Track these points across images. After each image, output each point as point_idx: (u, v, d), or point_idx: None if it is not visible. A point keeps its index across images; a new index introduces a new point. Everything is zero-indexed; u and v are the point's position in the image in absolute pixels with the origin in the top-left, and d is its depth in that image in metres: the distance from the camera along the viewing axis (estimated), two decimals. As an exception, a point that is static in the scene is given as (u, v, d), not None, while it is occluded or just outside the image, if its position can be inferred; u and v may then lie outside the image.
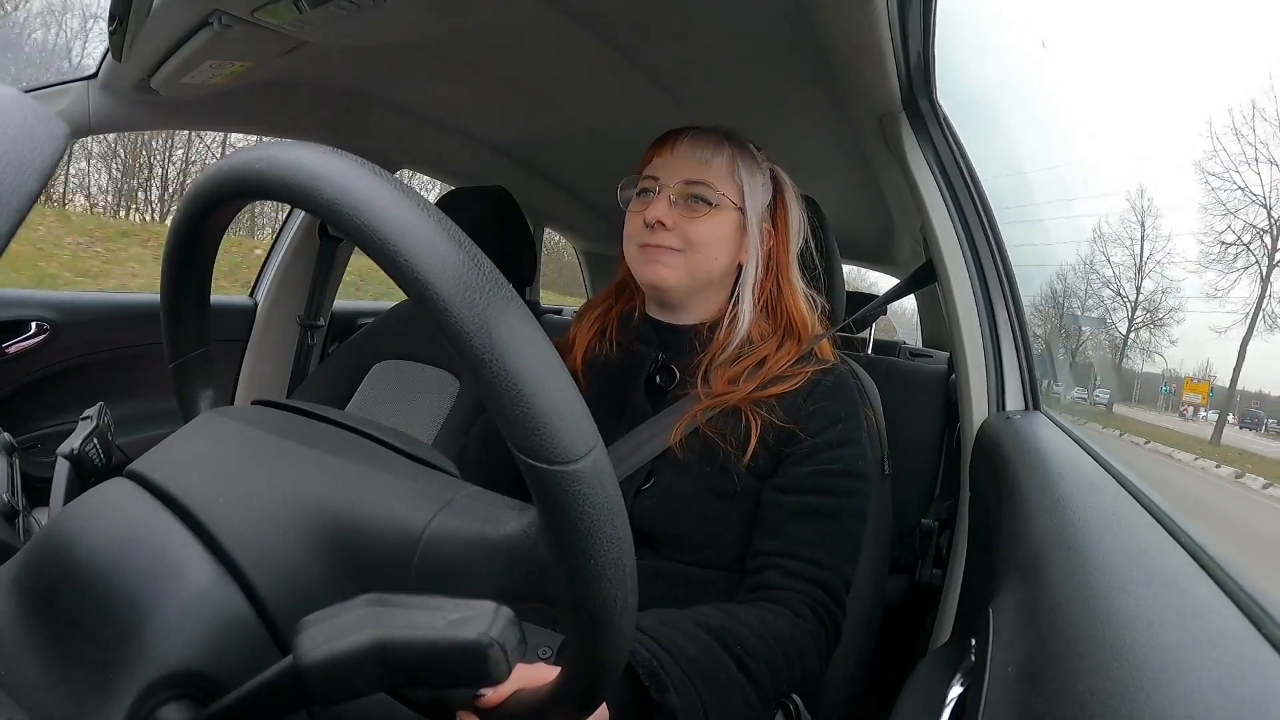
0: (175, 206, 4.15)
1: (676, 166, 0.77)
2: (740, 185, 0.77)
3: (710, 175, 0.76)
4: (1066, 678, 0.31)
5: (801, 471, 0.70)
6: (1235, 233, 7.39)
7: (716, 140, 0.78)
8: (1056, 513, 0.50)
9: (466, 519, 0.33)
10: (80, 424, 0.57)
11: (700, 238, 0.75)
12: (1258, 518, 4.74)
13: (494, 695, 0.38)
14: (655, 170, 0.78)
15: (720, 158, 0.77)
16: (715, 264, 0.77)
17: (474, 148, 1.58)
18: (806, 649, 0.64)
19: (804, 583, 0.66)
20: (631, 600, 0.31)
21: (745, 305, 0.77)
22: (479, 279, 0.28)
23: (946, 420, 1.34)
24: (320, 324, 1.68)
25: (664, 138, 0.80)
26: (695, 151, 0.77)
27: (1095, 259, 9.70)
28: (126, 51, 0.89)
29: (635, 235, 0.77)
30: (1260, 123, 7.74)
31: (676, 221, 0.75)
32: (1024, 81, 5.87)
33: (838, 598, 0.68)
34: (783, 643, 0.61)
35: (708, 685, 0.55)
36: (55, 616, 0.31)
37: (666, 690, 0.52)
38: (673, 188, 0.76)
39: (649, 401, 0.77)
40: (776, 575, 0.66)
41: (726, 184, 0.77)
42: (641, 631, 0.54)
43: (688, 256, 0.75)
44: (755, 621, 0.61)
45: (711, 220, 0.75)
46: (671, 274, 0.75)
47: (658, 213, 0.74)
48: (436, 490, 0.35)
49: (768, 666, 0.59)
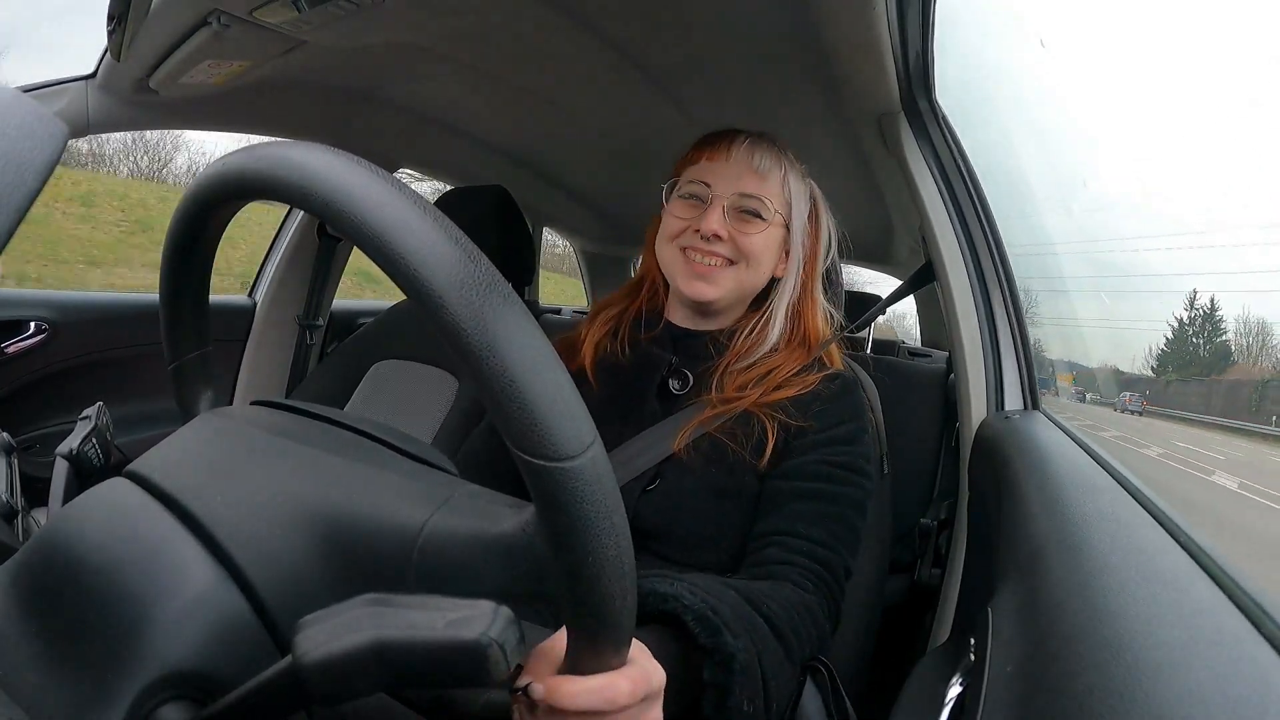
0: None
1: (732, 174, 0.75)
2: (789, 200, 0.77)
3: (766, 189, 0.75)
4: (1065, 676, 0.31)
5: (804, 460, 0.70)
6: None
7: (775, 152, 0.76)
8: (1055, 512, 0.50)
9: (464, 516, 0.33)
10: (79, 424, 0.57)
11: (754, 251, 0.74)
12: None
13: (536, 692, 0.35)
14: (707, 175, 0.75)
15: (778, 171, 0.76)
16: (761, 278, 0.77)
17: (474, 148, 1.58)
18: (817, 615, 0.62)
19: (805, 559, 0.65)
20: (631, 597, 0.31)
21: (778, 318, 0.77)
22: (476, 276, 0.28)
23: (945, 420, 1.34)
24: (319, 324, 1.68)
25: (715, 140, 0.78)
26: (753, 160, 0.75)
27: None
28: (125, 51, 0.89)
29: (678, 239, 0.76)
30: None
31: (730, 233, 0.74)
32: (1024, 81, 5.93)
33: (838, 578, 0.66)
34: (797, 608, 0.60)
35: (754, 633, 0.52)
36: (54, 617, 0.31)
37: (721, 633, 0.48)
38: (727, 198, 0.74)
39: (660, 405, 0.77)
40: (777, 551, 0.65)
41: (779, 198, 0.76)
42: (678, 581, 0.51)
43: (738, 270, 0.75)
44: (768, 588, 0.60)
45: (764, 235, 0.75)
46: (718, 290, 0.75)
47: (713, 225, 0.73)
48: (434, 488, 0.35)
49: (791, 628, 0.57)
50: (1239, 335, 6.65)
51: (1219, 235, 20.36)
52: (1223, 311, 6.73)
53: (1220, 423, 5.41)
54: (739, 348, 0.76)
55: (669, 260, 0.77)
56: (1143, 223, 16.55)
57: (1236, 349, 6.60)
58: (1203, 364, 6.41)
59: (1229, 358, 6.52)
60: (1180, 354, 6.45)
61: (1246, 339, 6.75)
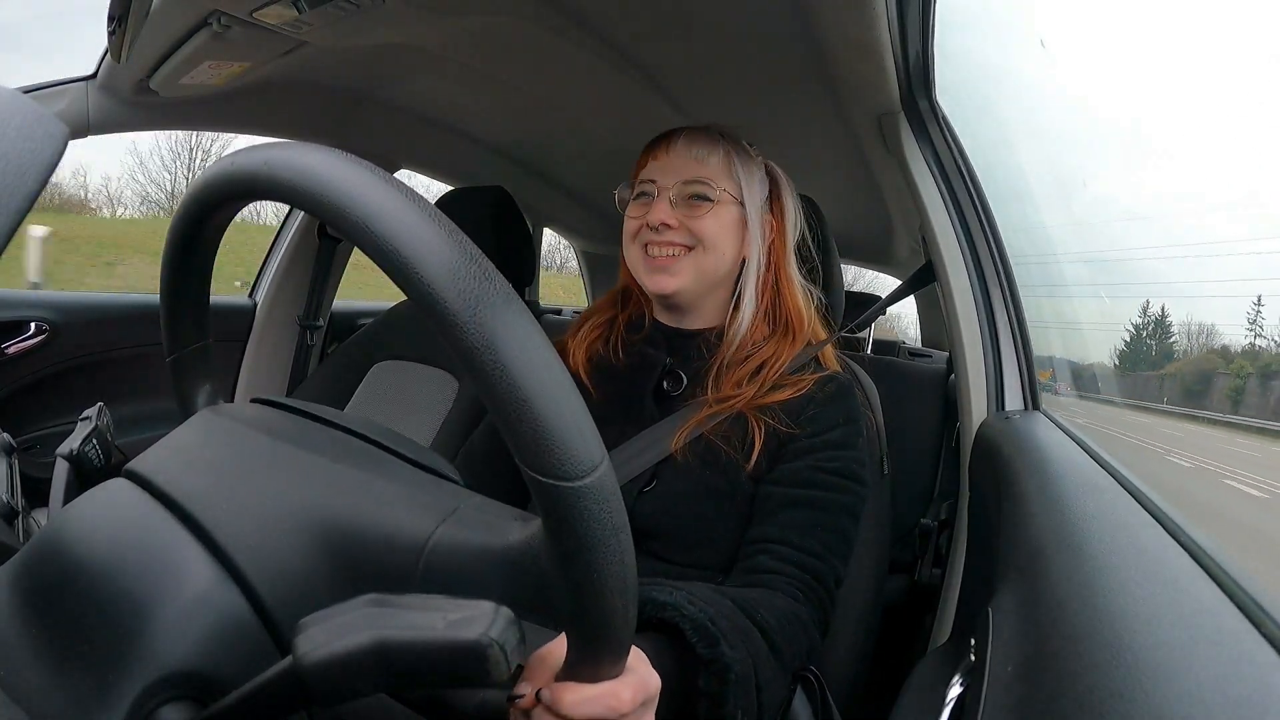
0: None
1: (673, 167, 0.77)
2: (738, 180, 0.78)
3: (708, 172, 0.76)
4: (1066, 676, 0.31)
5: (797, 465, 0.71)
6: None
7: (711, 138, 0.78)
8: (1055, 512, 0.50)
9: (471, 529, 0.33)
10: (79, 425, 0.57)
11: (706, 232, 0.75)
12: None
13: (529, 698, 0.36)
14: (652, 173, 0.78)
15: (716, 155, 0.77)
16: (722, 260, 0.77)
17: (474, 148, 1.58)
18: (808, 626, 0.63)
19: (795, 568, 0.66)
20: (632, 609, 0.31)
21: (747, 298, 0.78)
22: (489, 293, 0.27)
23: (946, 420, 1.34)
24: (319, 324, 1.68)
25: (657, 141, 0.80)
26: (691, 150, 0.77)
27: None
28: (125, 52, 0.89)
29: (637, 237, 0.78)
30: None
31: (680, 220, 0.75)
32: (1024, 81, 5.94)
33: (828, 587, 0.67)
34: (789, 618, 0.61)
35: (749, 643, 0.53)
36: (55, 617, 0.31)
37: (718, 643, 0.49)
38: (672, 189, 0.76)
39: (656, 406, 0.77)
40: (768, 560, 0.66)
41: (725, 180, 0.77)
42: (677, 590, 0.52)
43: (695, 255, 0.76)
44: (759, 596, 0.61)
45: (714, 216, 0.76)
46: (679, 280, 0.76)
47: (660, 215, 0.75)
48: (441, 500, 0.35)
49: (782, 637, 0.58)
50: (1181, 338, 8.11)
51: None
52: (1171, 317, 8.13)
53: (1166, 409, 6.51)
54: (729, 340, 0.77)
55: (634, 260, 0.79)
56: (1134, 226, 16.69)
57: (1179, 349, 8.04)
58: (1151, 361, 7.75)
59: (1172, 356, 7.92)
60: (1136, 352, 7.77)
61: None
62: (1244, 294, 12.17)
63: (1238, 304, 11.26)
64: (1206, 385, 6.86)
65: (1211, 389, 6.75)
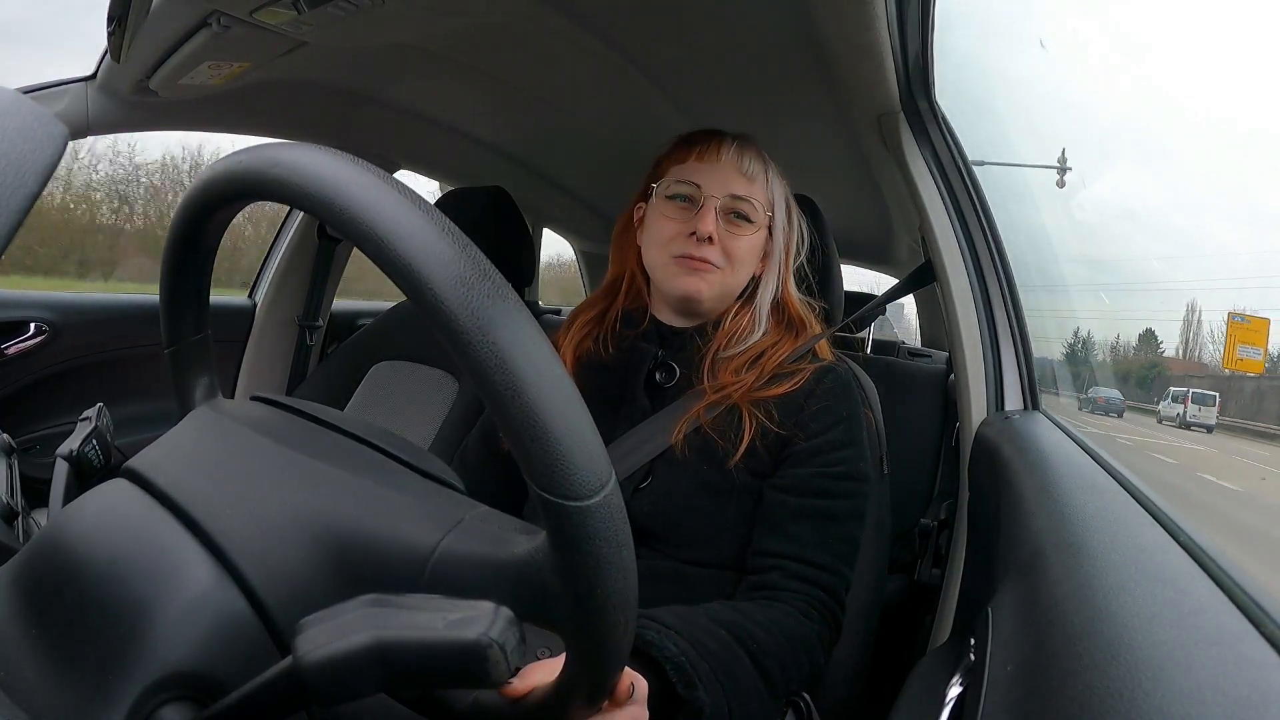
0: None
1: (721, 177, 0.75)
2: (772, 200, 0.78)
3: (754, 192, 0.76)
4: (1065, 676, 0.31)
5: (803, 473, 0.70)
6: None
7: (760, 155, 0.77)
8: (1055, 512, 0.50)
9: (476, 541, 0.33)
10: (79, 425, 0.57)
11: (741, 254, 0.75)
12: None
13: (520, 685, 0.37)
14: (696, 176, 0.75)
15: (762, 175, 0.77)
16: (743, 280, 0.77)
17: (473, 148, 1.58)
18: (813, 646, 0.64)
19: (806, 585, 0.66)
20: (632, 625, 0.32)
21: (763, 314, 0.78)
22: (502, 312, 0.28)
23: (945, 420, 1.34)
24: (319, 324, 1.68)
25: (703, 140, 0.77)
26: (741, 163, 0.75)
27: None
28: (125, 52, 0.89)
29: (671, 243, 0.75)
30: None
31: (720, 236, 0.74)
32: (1023, 81, 5.90)
33: (838, 598, 0.69)
34: (792, 640, 0.62)
35: (730, 681, 0.55)
36: (55, 618, 0.31)
37: (695, 687, 0.51)
38: (719, 200, 0.74)
39: (649, 400, 0.76)
40: (779, 576, 0.67)
41: (765, 201, 0.77)
42: (665, 627, 0.54)
43: (724, 273, 0.75)
44: (765, 619, 0.62)
45: (750, 239, 0.76)
46: (708, 288, 0.75)
47: (710, 227, 0.72)
48: (446, 509, 0.35)
49: (779, 664, 0.60)
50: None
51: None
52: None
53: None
54: (726, 329, 0.76)
55: (661, 263, 0.76)
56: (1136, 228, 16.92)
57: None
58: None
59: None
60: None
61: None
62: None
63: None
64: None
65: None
